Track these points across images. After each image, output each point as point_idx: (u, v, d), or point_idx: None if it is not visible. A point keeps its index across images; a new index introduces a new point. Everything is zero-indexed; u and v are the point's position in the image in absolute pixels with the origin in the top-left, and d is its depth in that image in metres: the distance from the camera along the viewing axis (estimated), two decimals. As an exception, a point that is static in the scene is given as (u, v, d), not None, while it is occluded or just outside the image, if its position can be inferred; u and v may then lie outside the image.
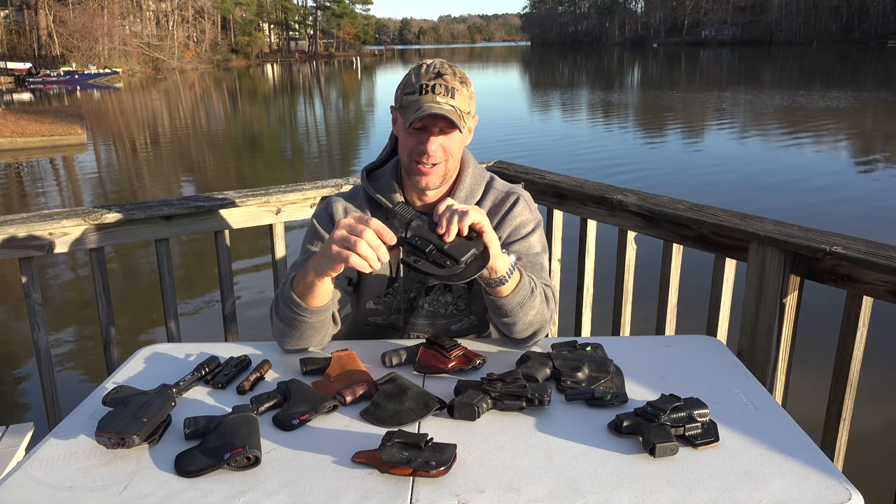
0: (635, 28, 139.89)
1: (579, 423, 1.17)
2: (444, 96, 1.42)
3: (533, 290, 1.41)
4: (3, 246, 2.08)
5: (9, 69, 42.98)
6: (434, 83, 1.43)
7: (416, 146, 1.47)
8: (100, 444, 1.11)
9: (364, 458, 1.06)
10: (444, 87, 1.43)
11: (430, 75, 1.45)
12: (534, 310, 1.42)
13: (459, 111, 1.44)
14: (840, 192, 9.34)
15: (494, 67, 62.68)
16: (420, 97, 1.43)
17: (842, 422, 1.79)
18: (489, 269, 1.31)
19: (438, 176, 1.51)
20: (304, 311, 1.38)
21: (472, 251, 1.21)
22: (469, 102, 1.48)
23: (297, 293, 1.38)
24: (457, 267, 1.19)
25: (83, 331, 5.08)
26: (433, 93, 1.42)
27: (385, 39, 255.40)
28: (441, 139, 1.46)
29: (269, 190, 2.47)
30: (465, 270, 1.20)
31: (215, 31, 73.89)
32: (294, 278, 1.40)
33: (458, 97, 1.44)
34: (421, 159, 1.47)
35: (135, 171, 13.26)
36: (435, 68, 1.46)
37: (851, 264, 1.68)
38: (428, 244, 1.21)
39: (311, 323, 1.41)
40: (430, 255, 1.20)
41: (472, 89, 1.50)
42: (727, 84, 31.44)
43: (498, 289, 1.36)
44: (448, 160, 1.50)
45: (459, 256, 1.20)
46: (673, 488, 1.00)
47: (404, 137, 1.50)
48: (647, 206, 2.15)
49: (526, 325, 1.43)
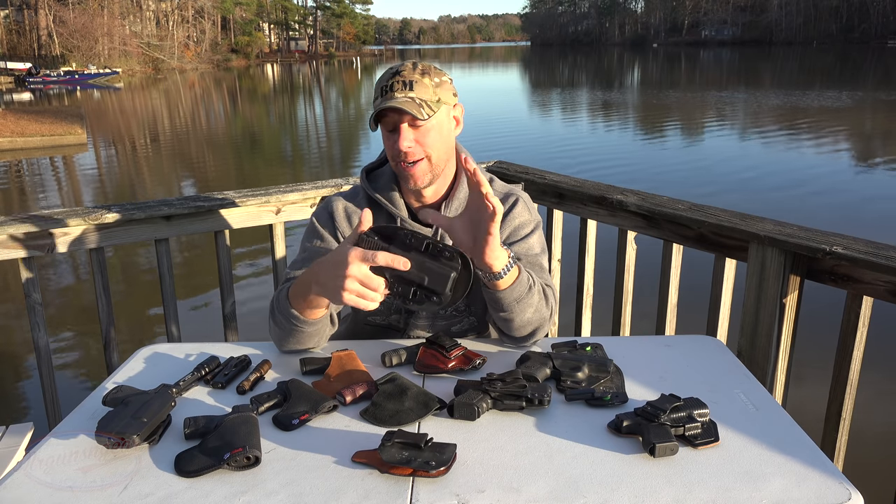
0: (635, 28, 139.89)
1: (579, 423, 1.17)
2: (402, 91, 1.42)
3: (531, 287, 1.40)
4: (3, 246, 2.08)
5: (9, 69, 42.99)
6: (392, 81, 1.43)
7: (392, 148, 1.47)
8: (100, 444, 1.11)
9: (364, 458, 1.06)
10: (402, 82, 1.42)
11: (389, 76, 1.45)
12: (532, 307, 1.41)
13: (420, 100, 1.42)
14: (840, 191, 9.35)
15: (494, 67, 62.69)
16: (381, 99, 1.43)
17: (842, 422, 1.79)
18: (486, 264, 1.30)
19: (424, 173, 1.48)
20: (302, 322, 1.38)
21: (452, 276, 1.18)
22: (435, 91, 1.45)
23: (294, 305, 1.37)
24: (443, 297, 1.19)
25: (83, 331, 5.08)
26: (392, 91, 1.42)
27: (385, 39, 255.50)
28: (412, 134, 1.45)
29: (269, 190, 2.47)
30: (453, 296, 1.20)
31: (215, 31, 73.90)
32: (290, 289, 1.38)
33: (417, 88, 1.43)
34: (400, 159, 1.46)
35: (135, 170, 13.26)
36: (394, 69, 1.47)
37: (851, 264, 1.68)
38: (409, 288, 1.20)
39: (309, 332, 1.41)
40: (415, 297, 1.20)
41: (441, 79, 1.48)
42: (727, 84, 31.45)
43: (495, 282, 1.35)
44: (430, 154, 1.47)
45: (441, 289, 1.18)
46: (673, 488, 1.00)
47: (384, 144, 1.51)
48: (647, 206, 2.16)
49: (524, 322, 1.42)
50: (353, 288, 1.19)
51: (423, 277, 1.19)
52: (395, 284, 1.21)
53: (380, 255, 1.18)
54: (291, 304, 1.37)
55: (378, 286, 1.19)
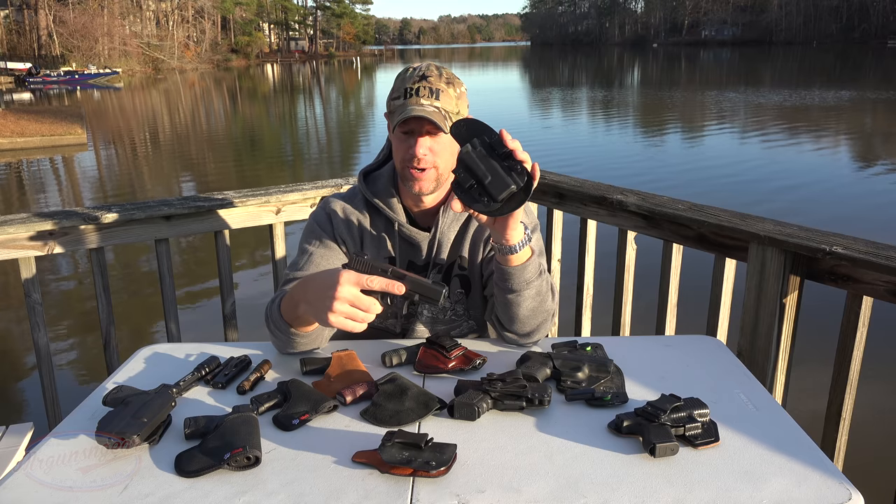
0: (635, 28, 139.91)
1: (579, 423, 1.17)
2: (429, 98, 1.42)
3: (542, 272, 1.41)
4: (2, 246, 2.08)
5: (9, 69, 42.96)
6: (418, 86, 1.43)
7: (405, 151, 1.47)
8: (100, 444, 1.11)
9: (364, 458, 1.06)
10: (429, 90, 1.43)
11: (415, 78, 1.45)
12: (540, 296, 1.41)
13: (445, 112, 1.43)
14: (840, 190, 9.35)
15: (494, 67, 62.68)
16: (405, 101, 1.43)
17: (842, 422, 1.79)
18: (504, 237, 1.32)
19: (431, 181, 1.50)
20: (296, 333, 1.39)
21: (511, 188, 1.22)
22: (457, 103, 1.46)
23: (286, 318, 1.37)
24: (494, 205, 1.24)
25: (83, 331, 5.08)
26: (417, 95, 1.42)
27: (385, 39, 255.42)
28: (429, 142, 1.46)
29: (269, 190, 2.47)
30: (501, 207, 1.24)
31: (215, 31, 73.87)
32: (282, 303, 1.39)
33: (443, 98, 1.43)
34: (411, 164, 1.47)
35: (135, 170, 13.26)
36: (420, 71, 1.46)
37: (851, 264, 1.68)
38: (468, 180, 1.24)
39: (305, 341, 1.41)
40: (470, 191, 1.24)
41: (461, 90, 1.49)
42: (727, 84, 31.44)
43: (509, 257, 1.36)
44: (439, 165, 1.49)
45: (497, 194, 1.22)
46: (673, 488, 1.00)
47: (395, 144, 1.51)
48: (647, 206, 2.16)
49: (529, 311, 1.41)
50: (342, 310, 1.19)
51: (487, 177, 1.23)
52: (459, 170, 1.24)
53: (376, 280, 1.20)
54: (283, 317, 1.38)
55: (369, 307, 1.21)
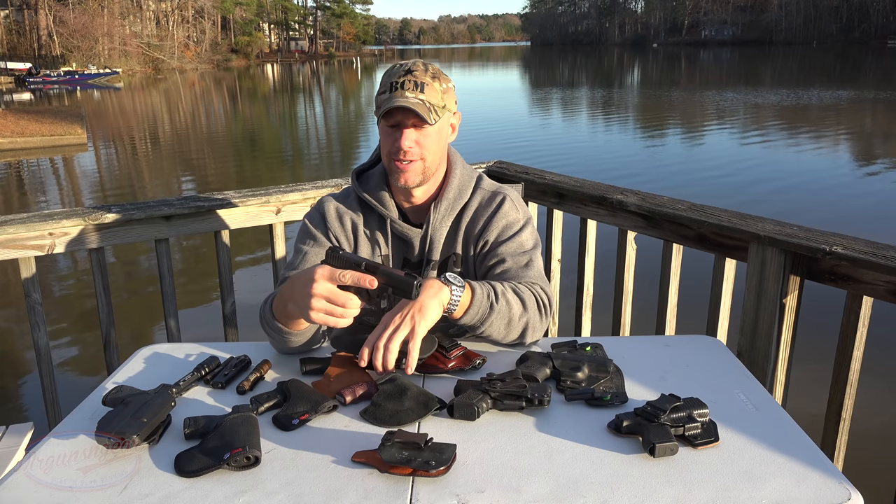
0: (635, 28, 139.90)
1: (579, 422, 1.17)
2: (413, 91, 1.43)
3: (493, 304, 1.38)
4: (3, 246, 2.08)
5: (9, 69, 42.96)
6: (403, 79, 1.44)
7: (391, 144, 1.48)
8: (100, 444, 1.11)
9: (364, 458, 1.06)
10: (414, 83, 1.44)
11: (401, 73, 1.46)
12: (503, 319, 1.39)
13: (429, 104, 1.44)
14: (840, 190, 9.34)
15: (494, 67, 62.68)
16: (390, 94, 1.44)
17: (842, 422, 1.79)
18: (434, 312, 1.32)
19: (417, 173, 1.50)
20: (289, 332, 1.39)
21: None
22: (443, 97, 1.47)
23: (278, 319, 1.38)
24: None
25: (83, 331, 5.08)
26: (402, 89, 1.43)
27: (385, 39, 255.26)
28: (414, 135, 1.47)
29: (268, 190, 2.47)
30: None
31: (215, 31, 73.85)
32: (273, 303, 1.39)
33: (428, 91, 1.45)
34: (397, 156, 1.47)
35: (135, 170, 13.26)
36: (406, 66, 1.47)
37: (851, 264, 1.68)
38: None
39: (300, 340, 1.41)
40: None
41: (447, 85, 1.50)
42: (727, 84, 31.44)
43: (451, 314, 1.35)
44: (426, 158, 1.49)
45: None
46: (673, 488, 1.00)
47: (382, 137, 1.52)
48: (647, 206, 2.15)
49: (501, 333, 1.41)
50: (320, 307, 1.22)
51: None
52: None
53: (348, 274, 1.22)
54: (276, 317, 1.38)
55: (346, 301, 1.22)
